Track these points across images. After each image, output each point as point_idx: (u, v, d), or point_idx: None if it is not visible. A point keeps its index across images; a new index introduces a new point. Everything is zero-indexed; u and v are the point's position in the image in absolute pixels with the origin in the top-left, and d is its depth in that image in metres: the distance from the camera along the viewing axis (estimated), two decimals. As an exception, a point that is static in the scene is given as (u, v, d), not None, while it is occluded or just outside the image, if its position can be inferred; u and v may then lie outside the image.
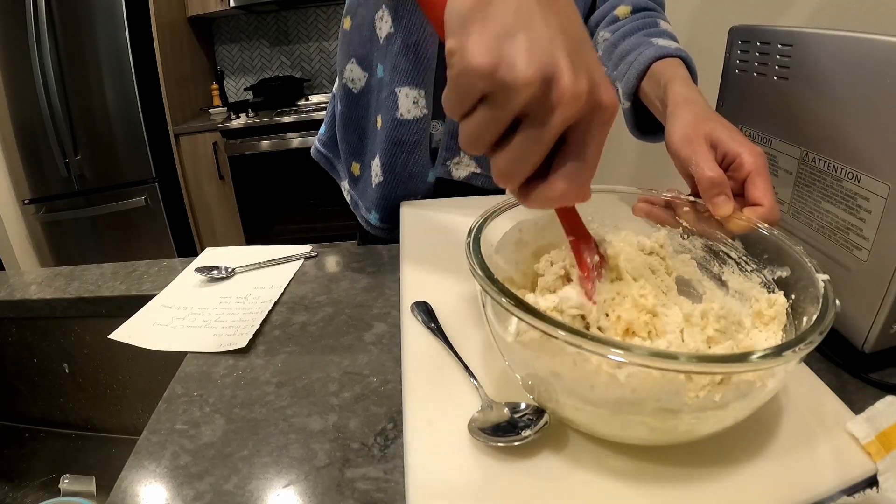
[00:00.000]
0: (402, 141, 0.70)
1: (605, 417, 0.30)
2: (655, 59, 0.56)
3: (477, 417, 0.33)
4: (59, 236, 2.51)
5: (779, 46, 0.47)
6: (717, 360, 0.26)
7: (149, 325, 0.56)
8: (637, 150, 1.30)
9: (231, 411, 0.43)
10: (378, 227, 0.79)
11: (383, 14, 0.67)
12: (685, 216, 0.42)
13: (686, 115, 0.46)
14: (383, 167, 0.73)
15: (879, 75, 0.38)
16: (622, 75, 0.60)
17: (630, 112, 0.62)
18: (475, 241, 0.34)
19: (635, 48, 0.60)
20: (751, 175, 0.40)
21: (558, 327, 0.26)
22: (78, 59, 2.26)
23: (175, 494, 0.36)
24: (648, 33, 0.61)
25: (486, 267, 0.31)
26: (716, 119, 0.45)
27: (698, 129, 0.44)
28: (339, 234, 2.63)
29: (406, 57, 0.66)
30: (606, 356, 0.26)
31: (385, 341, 0.50)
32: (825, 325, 0.28)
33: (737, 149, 0.41)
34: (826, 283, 0.31)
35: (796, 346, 0.26)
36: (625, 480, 0.30)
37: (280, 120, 2.49)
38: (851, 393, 0.40)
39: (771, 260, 0.37)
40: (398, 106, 0.69)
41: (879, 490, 0.29)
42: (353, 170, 0.81)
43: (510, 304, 0.28)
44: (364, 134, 0.77)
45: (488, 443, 0.31)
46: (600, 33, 0.67)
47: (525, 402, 0.34)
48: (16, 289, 0.67)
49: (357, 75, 0.73)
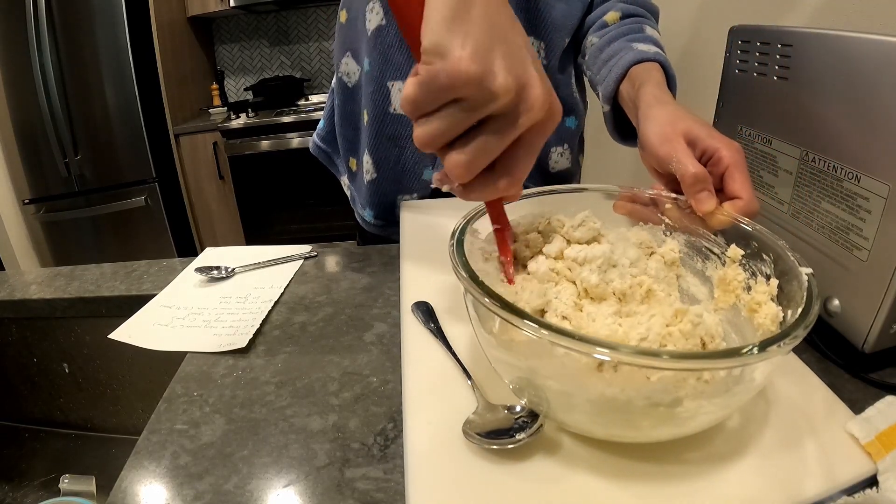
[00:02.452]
0: (395, 135, 0.70)
1: (596, 417, 0.30)
2: (633, 63, 0.58)
3: (472, 419, 0.33)
4: (59, 236, 2.51)
5: (779, 46, 0.47)
6: (701, 358, 0.26)
7: (149, 325, 0.56)
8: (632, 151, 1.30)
9: (231, 411, 0.43)
10: (373, 224, 0.79)
11: (374, 6, 0.66)
12: (667, 213, 0.42)
13: (660, 115, 0.47)
14: (375, 163, 0.72)
15: (879, 75, 0.38)
16: (603, 79, 0.61)
17: (610, 115, 0.63)
18: (458, 242, 0.34)
19: (617, 53, 0.61)
20: (729, 169, 0.41)
21: (543, 327, 0.26)
22: (78, 59, 2.26)
23: (175, 494, 0.36)
24: (631, 39, 0.62)
25: (469, 268, 0.31)
26: (691, 117, 0.46)
27: (675, 127, 0.45)
28: (339, 234, 2.63)
29: (399, 51, 0.66)
30: (592, 355, 0.25)
31: (385, 341, 0.50)
32: (810, 320, 0.28)
33: (714, 144, 0.42)
34: (810, 277, 0.31)
35: (781, 342, 0.26)
36: (621, 482, 0.30)
37: (280, 120, 2.50)
38: (851, 393, 0.40)
39: (753, 255, 0.37)
40: (391, 100, 0.68)
41: (879, 490, 0.29)
42: (350, 165, 0.80)
43: (495, 304, 0.28)
44: (358, 129, 0.77)
45: (482, 445, 0.31)
46: (589, 38, 0.68)
47: (520, 404, 0.34)
48: (16, 289, 0.67)
49: (352, 69, 0.73)
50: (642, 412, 0.28)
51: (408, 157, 0.71)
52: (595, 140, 1.01)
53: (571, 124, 0.76)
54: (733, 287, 0.36)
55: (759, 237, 0.36)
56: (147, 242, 2.56)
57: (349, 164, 0.81)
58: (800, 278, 0.32)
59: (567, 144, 0.77)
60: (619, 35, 0.63)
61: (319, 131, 0.86)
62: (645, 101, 0.50)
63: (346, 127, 0.78)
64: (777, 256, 0.35)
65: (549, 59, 0.70)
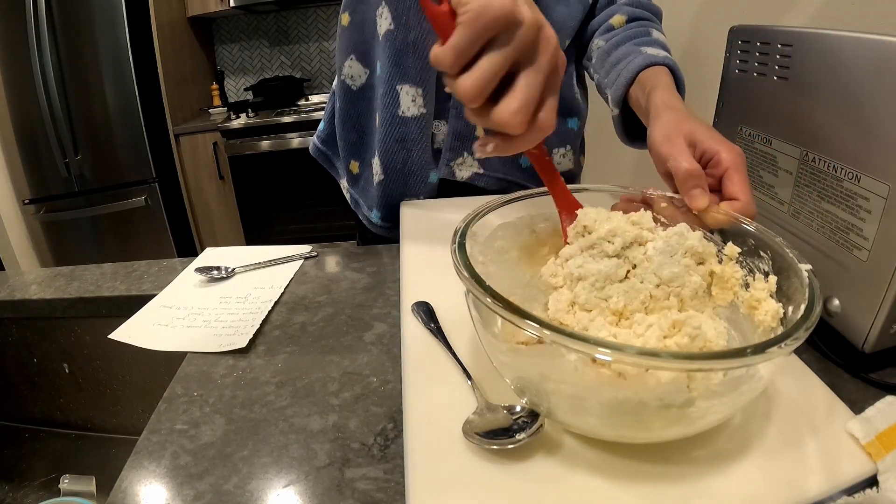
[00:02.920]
0: (403, 138, 0.70)
1: (607, 420, 0.30)
2: (643, 67, 0.58)
3: (472, 419, 0.33)
4: (59, 236, 2.51)
5: (779, 46, 0.47)
6: (705, 358, 0.26)
7: (149, 325, 0.56)
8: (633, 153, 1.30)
9: (231, 411, 0.43)
10: (380, 225, 0.79)
11: (383, 10, 0.67)
12: (663, 211, 0.42)
13: (667, 117, 0.48)
14: (383, 165, 0.73)
15: (879, 75, 0.38)
16: (612, 83, 0.62)
17: (619, 119, 0.64)
18: (460, 246, 0.34)
19: (625, 57, 0.61)
20: (728, 171, 0.42)
21: (548, 328, 0.26)
22: (78, 59, 2.26)
23: (175, 494, 0.36)
24: (639, 42, 0.62)
25: (472, 269, 0.31)
26: (696, 121, 0.47)
27: (678, 128, 0.46)
28: (339, 234, 2.63)
29: (407, 54, 0.66)
30: (594, 355, 0.25)
31: (385, 341, 0.50)
32: (814, 318, 0.28)
33: (715, 147, 0.43)
34: (810, 273, 0.31)
35: (782, 342, 0.26)
36: (622, 482, 0.30)
37: (280, 120, 2.49)
38: (851, 393, 0.40)
39: (750, 252, 0.37)
40: (399, 103, 0.69)
41: (879, 490, 0.29)
42: (351, 168, 0.80)
43: (499, 306, 0.28)
44: (364, 132, 0.77)
45: (482, 445, 0.31)
46: (595, 41, 0.68)
47: (520, 404, 0.33)
48: (16, 289, 0.67)
49: (357, 72, 0.73)
50: (654, 413, 0.28)
51: (414, 159, 0.71)
52: (595, 141, 1.01)
53: (574, 125, 0.77)
54: (731, 284, 0.36)
55: (756, 234, 0.36)
56: (147, 242, 2.56)
57: (349, 168, 0.81)
58: (800, 275, 0.32)
59: (569, 145, 0.77)
60: (627, 38, 0.64)
61: (320, 133, 0.86)
62: (655, 106, 0.51)
63: (349, 130, 0.78)
64: (775, 253, 0.35)
65: None
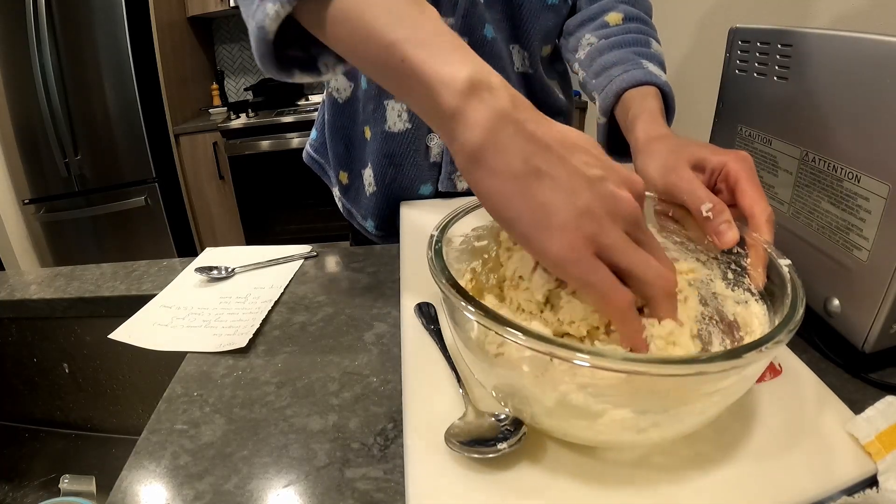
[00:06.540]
0: (391, 153, 0.70)
1: (584, 424, 0.29)
2: (641, 83, 0.55)
3: (457, 425, 0.32)
4: (59, 236, 2.51)
5: (779, 46, 0.47)
6: (684, 363, 0.25)
7: (149, 325, 0.56)
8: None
9: (231, 411, 0.43)
10: (375, 234, 0.79)
11: None
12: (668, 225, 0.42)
13: (661, 148, 0.45)
14: (376, 178, 0.73)
15: (879, 75, 0.38)
16: (601, 87, 0.58)
17: (605, 128, 0.60)
18: (436, 252, 0.34)
19: (621, 63, 0.58)
20: (739, 182, 0.40)
21: (527, 335, 0.26)
22: (78, 59, 2.26)
23: (175, 494, 0.36)
24: (639, 52, 0.59)
25: (449, 274, 0.31)
26: (693, 143, 0.44)
27: (679, 156, 0.43)
28: (340, 235, 2.62)
29: None
30: (572, 361, 0.25)
31: (385, 341, 0.50)
32: (795, 323, 0.28)
33: (722, 160, 0.41)
34: (790, 269, 0.31)
35: (762, 346, 0.26)
36: (610, 487, 0.30)
37: (280, 120, 2.50)
38: (851, 393, 0.40)
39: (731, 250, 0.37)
40: (386, 118, 0.69)
41: (879, 490, 0.29)
42: (340, 178, 0.80)
43: (478, 313, 0.27)
44: (350, 144, 0.76)
45: (462, 453, 0.30)
46: (586, 36, 0.64)
47: (505, 412, 0.33)
48: (16, 289, 0.67)
49: (342, 85, 0.73)
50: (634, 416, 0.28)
51: (404, 174, 0.71)
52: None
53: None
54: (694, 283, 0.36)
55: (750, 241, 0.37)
56: (147, 242, 2.56)
57: (339, 178, 0.80)
58: (780, 270, 0.32)
59: None
60: (625, 43, 0.60)
61: (312, 142, 0.86)
62: (643, 138, 0.48)
63: (336, 142, 0.78)
64: (751, 248, 0.35)
65: (533, 67, 0.70)
